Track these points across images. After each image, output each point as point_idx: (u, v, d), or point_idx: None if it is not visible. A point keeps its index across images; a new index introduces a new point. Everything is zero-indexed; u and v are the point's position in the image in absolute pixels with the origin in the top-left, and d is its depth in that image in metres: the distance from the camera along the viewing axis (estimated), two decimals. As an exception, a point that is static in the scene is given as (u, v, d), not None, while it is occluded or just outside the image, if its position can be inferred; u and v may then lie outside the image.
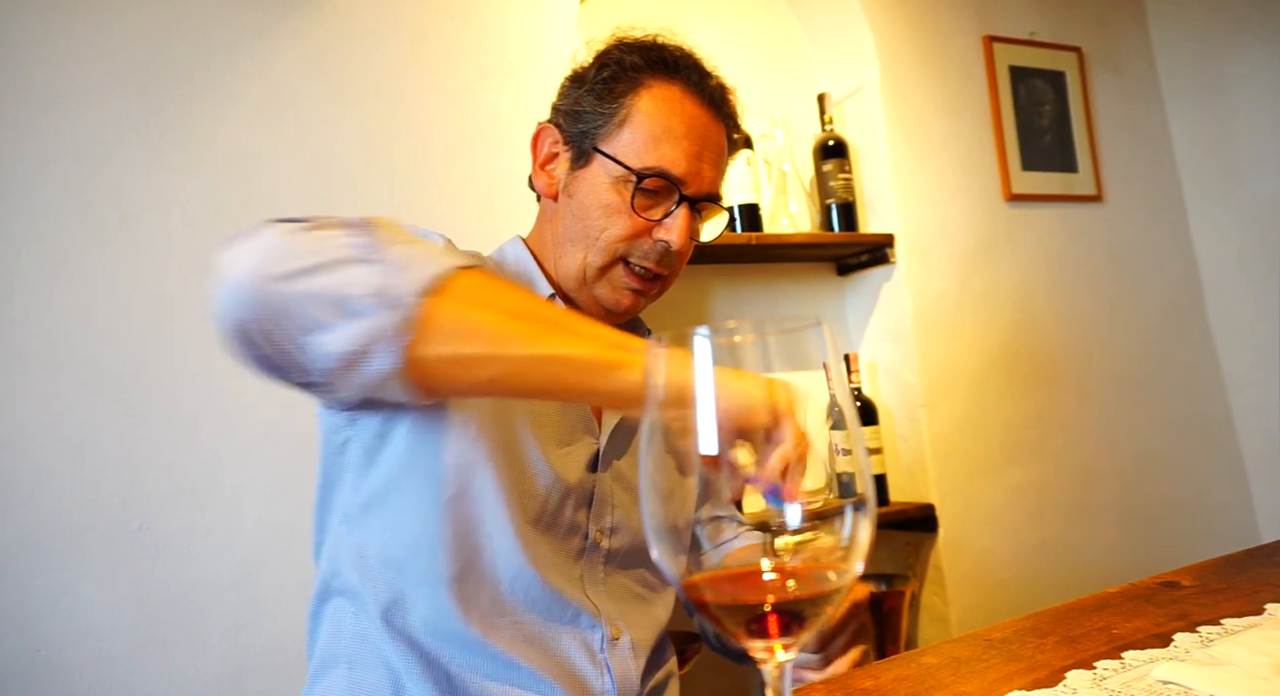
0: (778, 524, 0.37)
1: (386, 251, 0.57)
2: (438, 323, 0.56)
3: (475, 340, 0.57)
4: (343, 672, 0.78)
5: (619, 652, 0.83)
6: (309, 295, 0.56)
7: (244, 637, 1.40)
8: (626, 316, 0.90)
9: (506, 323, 0.57)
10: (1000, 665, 0.57)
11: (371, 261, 0.57)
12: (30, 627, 1.27)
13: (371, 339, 0.55)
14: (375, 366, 0.56)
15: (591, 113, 0.85)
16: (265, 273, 0.57)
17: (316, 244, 0.58)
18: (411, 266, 0.57)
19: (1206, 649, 0.55)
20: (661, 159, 0.83)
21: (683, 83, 0.86)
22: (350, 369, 0.56)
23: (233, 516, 1.42)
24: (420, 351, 0.56)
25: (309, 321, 0.56)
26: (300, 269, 0.57)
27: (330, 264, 0.57)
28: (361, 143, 1.60)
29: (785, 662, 0.36)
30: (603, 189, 0.84)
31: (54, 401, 1.33)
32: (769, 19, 2.16)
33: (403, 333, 0.55)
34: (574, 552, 0.84)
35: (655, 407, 0.38)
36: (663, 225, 0.84)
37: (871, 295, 2.08)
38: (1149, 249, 2.44)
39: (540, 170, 0.89)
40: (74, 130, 1.40)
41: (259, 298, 0.57)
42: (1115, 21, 2.52)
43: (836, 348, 0.37)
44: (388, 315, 0.55)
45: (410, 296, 0.55)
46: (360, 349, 0.55)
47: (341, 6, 1.62)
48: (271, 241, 0.58)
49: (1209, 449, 2.40)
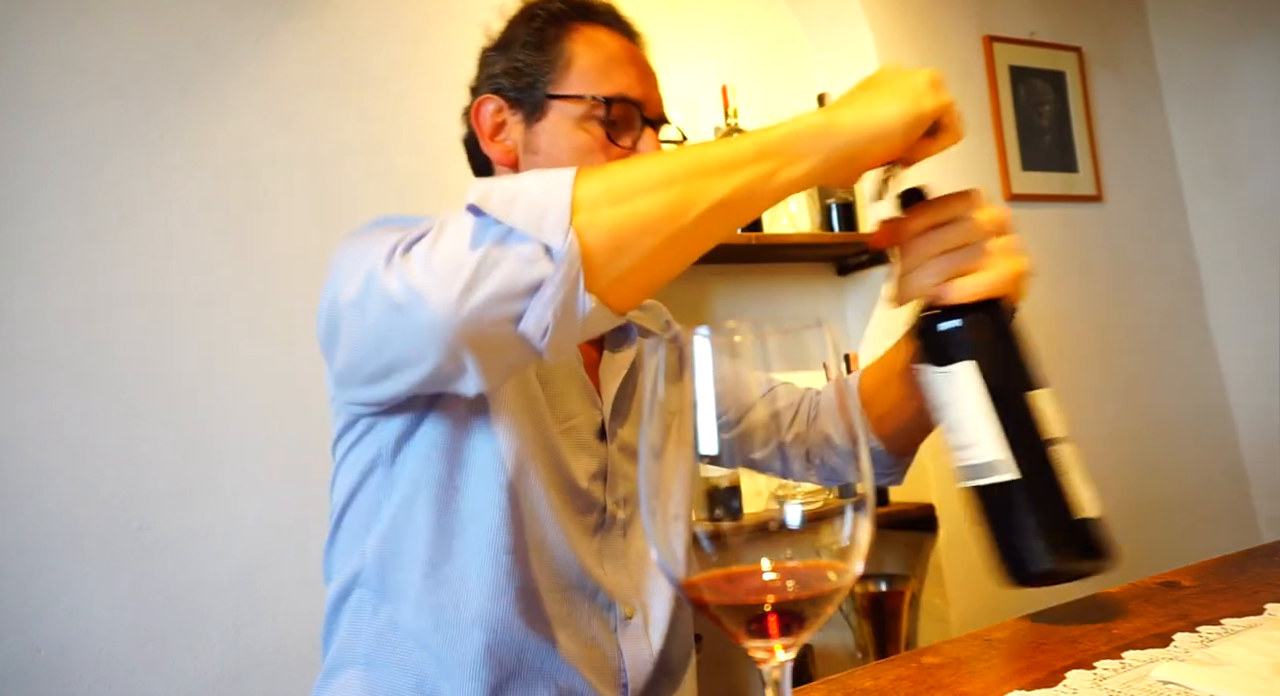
0: (778, 526, 0.37)
1: (509, 219, 0.57)
2: (598, 244, 0.56)
3: (639, 239, 0.57)
4: (359, 672, 0.77)
5: (631, 632, 0.83)
6: (494, 296, 0.56)
7: (244, 637, 1.40)
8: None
9: (653, 205, 0.57)
10: (1000, 665, 0.57)
11: (506, 241, 0.56)
12: (30, 627, 1.27)
13: (559, 299, 0.56)
14: (580, 312, 0.56)
15: (533, 65, 0.86)
16: (449, 299, 0.56)
17: (456, 248, 0.57)
18: (535, 212, 0.56)
19: (1207, 649, 0.55)
20: (618, 85, 0.84)
21: (604, 24, 0.89)
22: (566, 327, 0.57)
23: (232, 516, 1.42)
24: (602, 280, 0.57)
25: (510, 314, 0.57)
26: (469, 279, 0.56)
27: (484, 260, 0.56)
28: (362, 143, 1.60)
29: (785, 662, 0.36)
30: (567, 132, 0.84)
31: (54, 401, 1.33)
32: (769, 19, 2.16)
33: (576, 278, 0.56)
34: (592, 527, 0.84)
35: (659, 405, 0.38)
36: (637, 150, 0.84)
37: (871, 295, 2.08)
38: (1149, 249, 2.44)
39: (491, 142, 0.88)
40: (74, 130, 1.40)
41: (457, 322, 0.57)
42: (1115, 21, 2.52)
43: (836, 348, 0.37)
44: (558, 271, 0.55)
45: (558, 244, 0.55)
46: (558, 313, 0.56)
47: (343, 8, 1.62)
48: (447, 271, 0.57)
49: (1209, 449, 2.40)
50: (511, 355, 0.60)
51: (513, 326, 0.57)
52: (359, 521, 0.80)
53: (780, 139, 0.60)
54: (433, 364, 0.60)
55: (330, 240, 1.53)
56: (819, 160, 0.60)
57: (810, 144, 0.60)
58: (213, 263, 1.47)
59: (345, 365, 0.68)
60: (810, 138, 0.60)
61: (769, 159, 0.59)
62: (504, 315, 0.57)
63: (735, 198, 0.59)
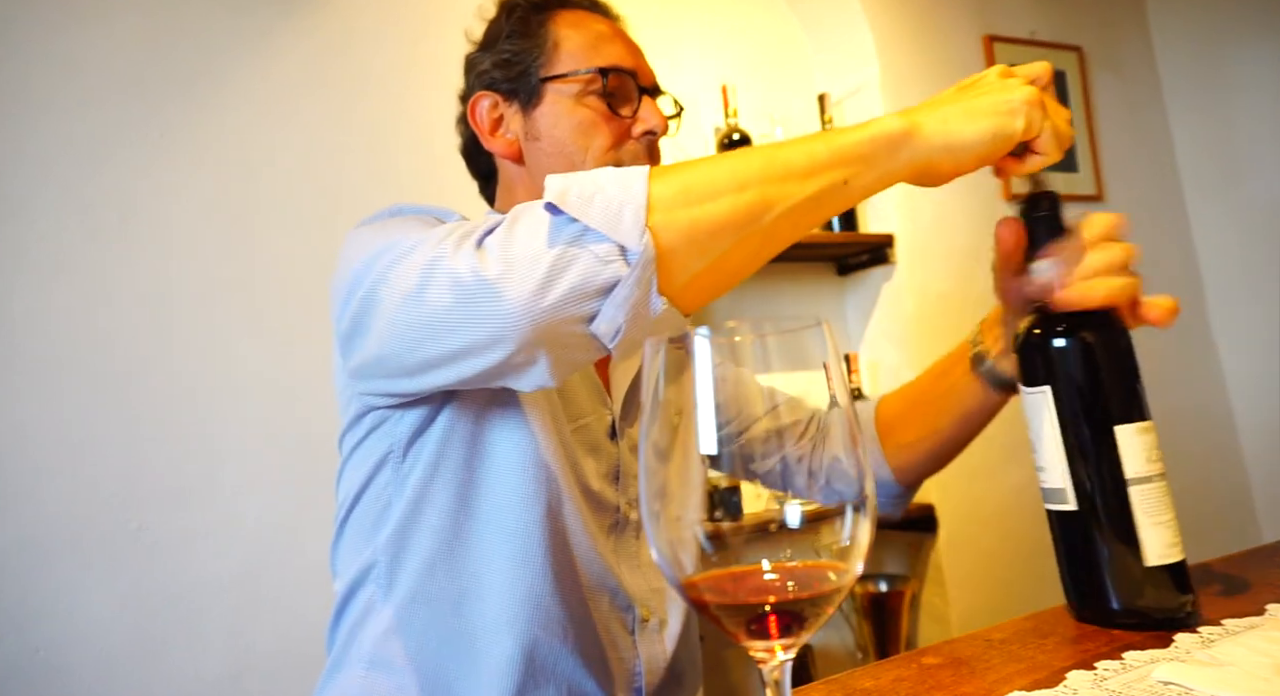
0: (778, 526, 0.37)
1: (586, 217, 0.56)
2: (672, 246, 0.56)
3: (713, 241, 0.56)
4: (362, 671, 0.77)
5: (647, 634, 0.82)
6: (569, 294, 0.56)
7: (244, 637, 1.40)
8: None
9: (728, 208, 0.57)
10: (1000, 665, 0.57)
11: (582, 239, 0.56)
12: (30, 628, 1.27)
13: (633, 301, 0.55)
14: (652, 314, 0.56)
15: (522, 52, 0.86)
16: (526, 293, 0.56)
17: (533, 243, 0.57)
18: (611, 211, 0.56)
19: (1207, 649, 0.54)
20: (609, 58, 0.84)
21: (583, 7, 0.89)
22: (637, 328, 0.57)
23: (232, 516, 1.42)
24: (675, 283, 0.56)
25: (584, 313, 0.56)
26: (546, 274, 0.56)
27: (561, 257, 0.56)
28: (363, 143, 1.60)
29: (785, 662, 0.36)
30: (567, 111, 0.84)
31: (54, 401, 1.33)
32: (769, 19, 2.16)
33: (650, 280, 0.55)
34: (606, 528, 0.83)
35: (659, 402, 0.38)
36: (639, 118, 0.84)
37: (871, 295, 2.08)
38: (1149, 249, 2.43)
39: (491, 138, 0.88)
40: (74, 130, 1.40)
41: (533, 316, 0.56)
42: (1116, 21, 2.52)
43: (837, 348, 0.37)
44: (633, 274, 0.55)
45: (634, 244, 0.55)
46: (630, 314, 0.56)
47: (343, 8, 1.62)
48: (525, 266, 0.57)
49: (1210, 449, 2.40)
50: (580, 353, 0.60)
51: (585, 325, 0.57)
52: (368, 517, 0.79)
53: (858, 143, 0.58)
54: (503, 355, 0.58)
55: (330, 240, 1.53)
56: (897, 168, 0.59)
57: (888, 151, 0.59)
58: (213, 262, 1.47)
59: (375, 357, 0.67)
60: (888, 144, 0.59)
61: (847, 166, 0.58)
62: (577, 314, 0.56)
63: (811, 203, 0.58)
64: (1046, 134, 0.62)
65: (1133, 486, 0.60)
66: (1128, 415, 0.61)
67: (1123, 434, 0.61)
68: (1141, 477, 0.60)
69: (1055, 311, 0.65)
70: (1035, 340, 0.65)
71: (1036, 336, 0.65)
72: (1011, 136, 0.60)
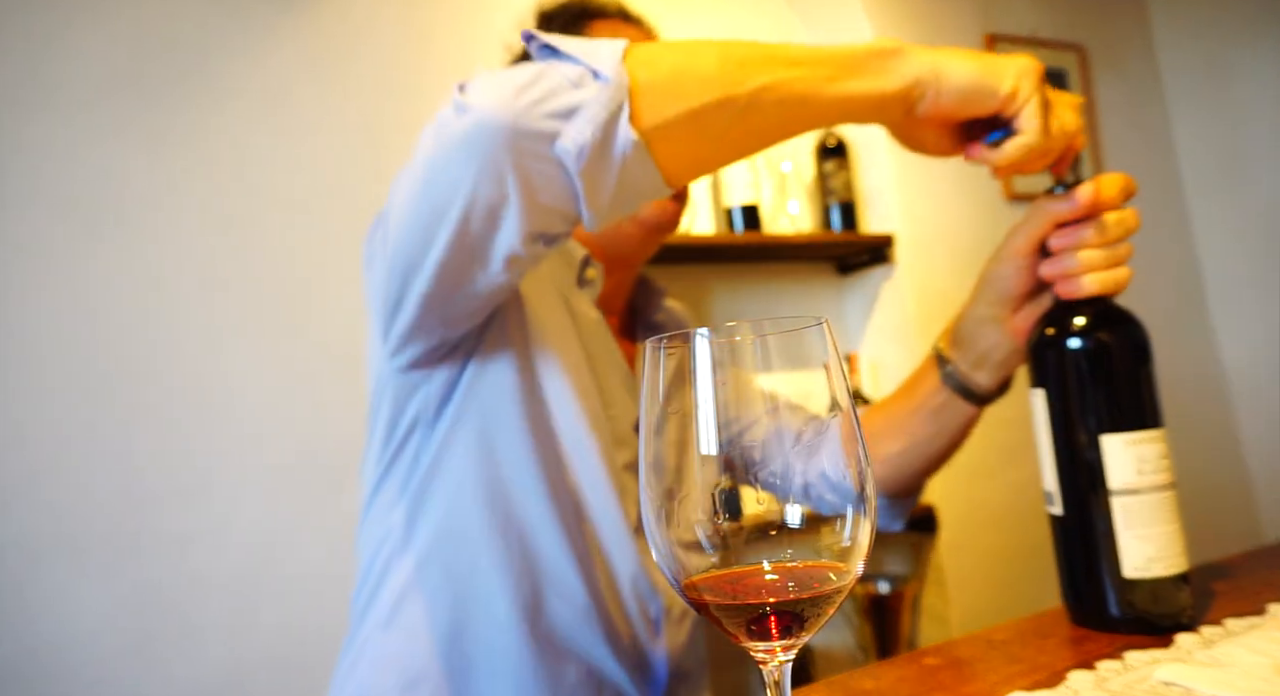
0: (778, 527, 0.37)
1: (563, 46, 0.57)
2: (650, 81, 0.56)
3: (689, 89, 0.56)
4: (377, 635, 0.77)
5: (671, 623, 0.82)
6: (538, 102, 0.56)
7: (242, 638, 1.39)
8: (671, 227, 0.90)
9: (709, 64, 0.57)
10: (1001, 666, 0.57)
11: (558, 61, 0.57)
12: (27, 629, 1.27)
13: (600, 120, 0.55)
14: (620, 148, 0.55)
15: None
16: (493, 100, 0.56)
17: (509, 72, 0.58)
18: (588, 48, 0.57)
19: (1208, 650, 0.54)
20: None
21: (618, 18, 0.91)
22: (602, 160, 0.56)
23: (231, 517, 1.42)
24: (647, 119, 0.56)
25: (550, 130, 0.56)
26: (514, 88, 0.56)
27: (535, 75, 0.57)
28: (360, 142, 1.60)
29: (786, 663, 0.36)
30: None
31: (52, 401, 1.33)
32: (769, 19, 2.16)
33: (620, 105, 0.55)
34: (635, 517, 0.83)
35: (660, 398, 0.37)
36: None
37: (871, 295, 2.08)
38: (1149, 249, 2.44)
39: None
40: (70, 129, 1.40)
41: (508, 122, 0.56)
42: (1118, 20, 2.52)
43: (836, 348, 0.37)
44: (603, 92, 0.55)
45: (608, 69, 0.55)
46: (596, 136, 0.55)
47: (341, 6, 1.62)
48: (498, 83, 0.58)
49: (1211, 449, 2.40)
50: (547, 192, 0.58)
51: (550, 146, 0.56)
52: (394, 487, 0.79)
53: (850, 51, 0.60)
54: (475, 172, 0.58)
55: (330, 240, 1.53)
56: (883, 83, 0.60)
57: (877, 61, 0.60)
58: (210, 262, 1.47)
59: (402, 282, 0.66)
60: (878, 56, 0.60)
61: (835, 66, 0.59)
62: (544, 129, 0.56)
63: (796, 90, 0.58)
64: (1031, 108, 0.61)
65: (1116, 497, 0.59)
66: (1117, 424, 0.60)
67: (1110, 443, 0.60)
68: (1127, 489, 0.59)
69: (1069, 308, 0.65)
70: (1043, 340, 0.65)
71: (1044, 337, 0.65)
72: (995, 92, 0.60)
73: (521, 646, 0.73)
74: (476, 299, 0.67)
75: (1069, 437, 0.62)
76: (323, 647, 1.44)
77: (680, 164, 0.59)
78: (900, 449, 0.83)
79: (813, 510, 0.37)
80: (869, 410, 0.90)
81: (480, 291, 0.66)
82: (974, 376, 0.77)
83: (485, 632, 0.74)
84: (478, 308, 0.69)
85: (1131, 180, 0.66)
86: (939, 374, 0.79)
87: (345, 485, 1.49)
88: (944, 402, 0.79)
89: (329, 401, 1.49)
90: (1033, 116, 0.61)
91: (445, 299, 0.66)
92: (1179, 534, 0.60)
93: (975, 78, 0.60)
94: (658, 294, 1.00)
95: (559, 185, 0.58)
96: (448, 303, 0.67)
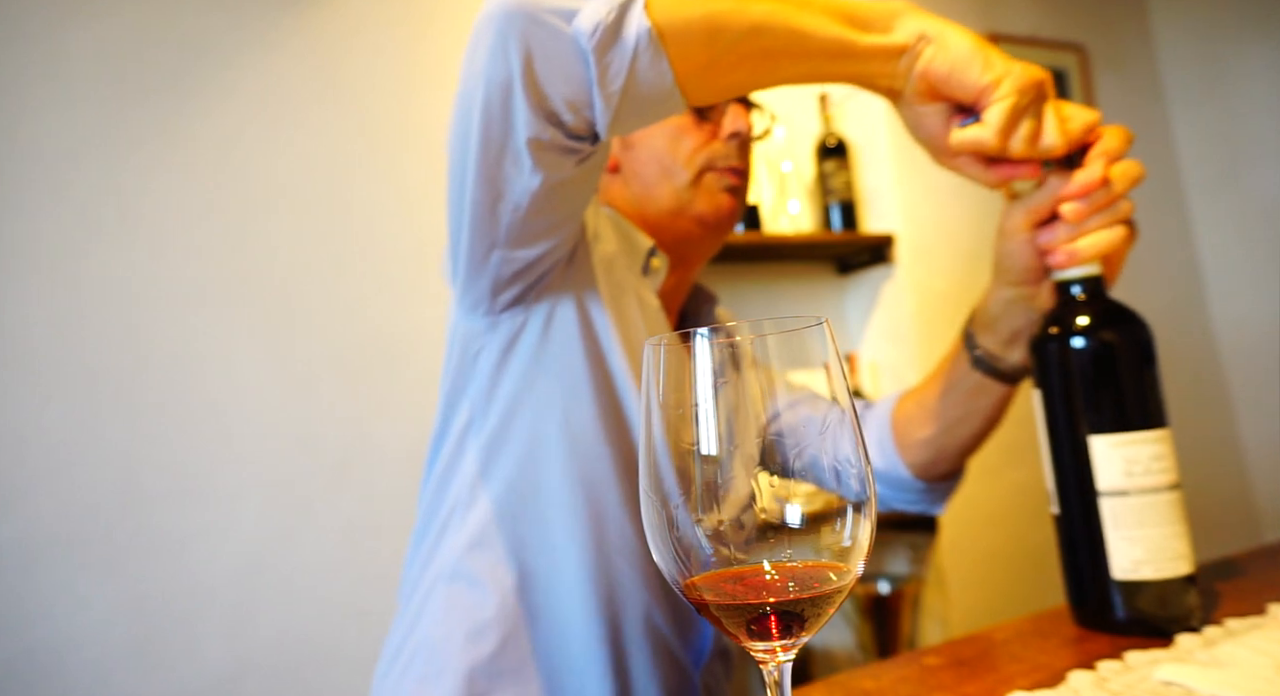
0: (779, 527, 0.37)
1: None
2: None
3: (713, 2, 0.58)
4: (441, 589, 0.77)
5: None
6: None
7: (242, 638, 1.39)
8: (731, 221, 0.91)
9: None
10: (1002, 666, 0.57)
11: None
12: (25, 629, 1.27)
13: (616, 2, 0.56)
14: (634, 33, 0.56)
15: None
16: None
17: None
18: None
19: (1209, 650, 0.54)
20: None
21: None
22: (615, 43, 0.57)
23: (231, 517, 1.42)
24: (665, 14, 0.57)
25: (568, 7, 0.58)
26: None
27: None
28: (363, 143, 1.60)
29: (786, 663, 0.36)
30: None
31: (52, 402, 1.33)
32: (769, 18, 2.15)
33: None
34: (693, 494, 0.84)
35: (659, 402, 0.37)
36: (723, 124, 0.87)
37: (872, 295, 2.08)
38: (1149, 249, 2.44)
39: None
40: (70, 129, 1.40)
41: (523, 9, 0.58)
42: (1118, 19, 2.52)
43: (837, 347, 0.37)
44: None
45: None
46: (612, 16, 0.56)
47: (343, 7, 1.62)
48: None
49: (1211, 449, 2.40)
50: (556, 67, 0.59)
51: (567, 23, 0.57)
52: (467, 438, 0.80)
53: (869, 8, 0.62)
54: (487, 58, 0.59)
55: (330, 239, 1.53)
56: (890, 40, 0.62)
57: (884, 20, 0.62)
58: (211, 262, 1.47)
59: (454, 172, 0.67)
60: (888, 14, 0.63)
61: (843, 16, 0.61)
62: (563, 8, 0.57)
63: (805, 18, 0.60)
64: (1001, 106, 0.61)
65: (1104, 498, 0.59)
66: (1103, 425, 0.60)
67: (1098, 444, 0.59)
68: (1116, 491, 0.59)
69: (1072, 305, 0.65)
70: (1042, 339, 0.65)
71: (1044, 336, 0.65)
72: (978, 76, 0.61)
73: (586, 598, 0.74)
74: (519, 212, 0.67)
75: (1058, 437, 0.62)
76: (322, 648, 1.44)
77: (692, 68, 0.59)
78: (935, 432, 0.84)
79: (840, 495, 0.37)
80: (908, 390, 0.90)
81: (521, 201, 0.66)
82: (1008, 355, 0.78)
83: (551, 584, 0.75)
84: (527, 228, 0.69)
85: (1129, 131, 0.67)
86: (969, 357, 0.80)
87: (345, 485, 1.49)
88: (976, 384, 0.80)
89: (328, 402, 1.49)
90: (998, 114, 0.61)
91: (491, 207, 0.67)
92: (1178, 536, 0.59)
93: (969, 54, 0.62)
94: (709, 301, 1.00)
95: (571, 63, 0.58)
96: (494, 213, 0.67)
